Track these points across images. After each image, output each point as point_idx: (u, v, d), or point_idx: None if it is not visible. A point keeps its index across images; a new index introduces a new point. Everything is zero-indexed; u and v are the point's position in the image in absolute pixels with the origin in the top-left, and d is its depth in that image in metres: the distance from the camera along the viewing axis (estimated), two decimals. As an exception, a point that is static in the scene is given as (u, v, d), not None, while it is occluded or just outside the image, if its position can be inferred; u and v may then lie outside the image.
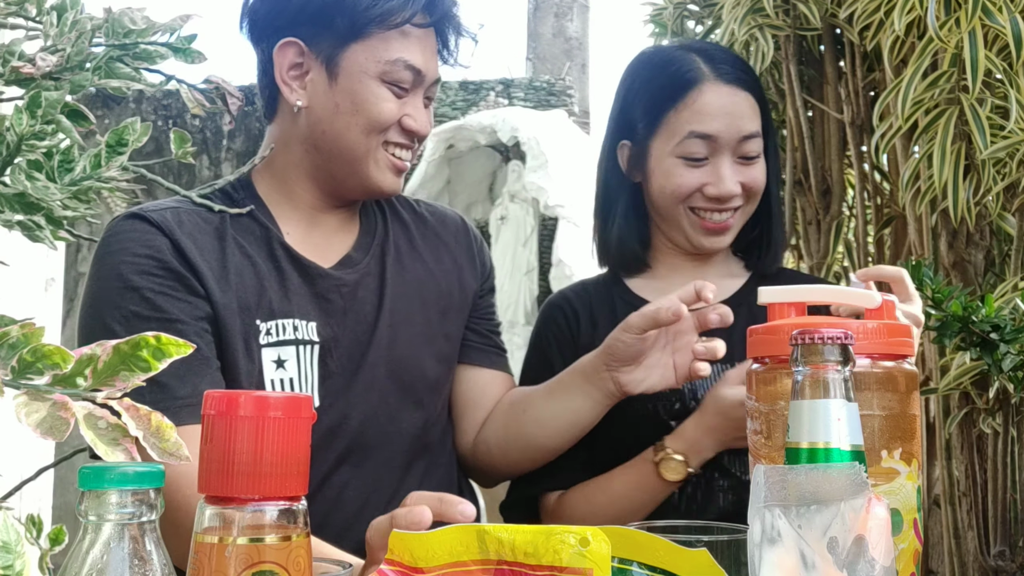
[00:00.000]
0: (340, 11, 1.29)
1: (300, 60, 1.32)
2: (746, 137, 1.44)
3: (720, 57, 1.50)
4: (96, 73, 0.81)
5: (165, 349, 0.66)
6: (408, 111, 1.32)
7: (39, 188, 0.79)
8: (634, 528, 0.69)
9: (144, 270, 1.22)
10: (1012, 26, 1.64)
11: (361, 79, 1.30)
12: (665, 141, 1.46)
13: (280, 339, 1.27)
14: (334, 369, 1.30)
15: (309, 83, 1.32)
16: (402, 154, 1.35)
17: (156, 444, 0.63)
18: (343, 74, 1.30)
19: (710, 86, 1.45)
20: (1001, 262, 1.91)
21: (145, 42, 0.83)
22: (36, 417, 0.60)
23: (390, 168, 1.34)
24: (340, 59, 1.30)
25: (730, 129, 1.43)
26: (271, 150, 1.36)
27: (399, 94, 1.31)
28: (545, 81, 6.55)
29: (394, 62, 1.29)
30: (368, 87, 1.30)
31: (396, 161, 1.34)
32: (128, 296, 1.21)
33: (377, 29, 1.29)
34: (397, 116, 1.31)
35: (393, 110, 1.31)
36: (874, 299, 1.01)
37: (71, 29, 0.80)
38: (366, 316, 1.35)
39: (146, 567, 0.58)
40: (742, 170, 1.46)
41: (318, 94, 1.31)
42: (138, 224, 1.25)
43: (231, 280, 1.26)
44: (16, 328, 0.64)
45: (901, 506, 0.83)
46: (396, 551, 0.64)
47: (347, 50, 1.30)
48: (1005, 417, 1.74)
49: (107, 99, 6.52)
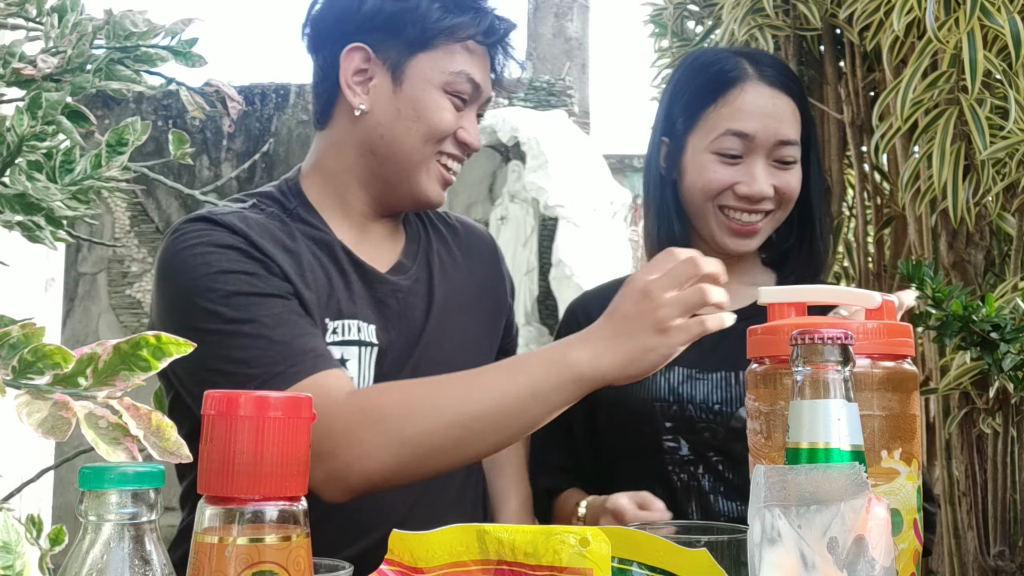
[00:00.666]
0: (410, 20, 1.32)
1: (365, 66, 1.34)
2: (783, 142, 1.43)
3: (766, 61, 1.50)
4: (97, 75, 0.81)
5: (165, 348, 0.66)
6: (464, 124, 1.36)
7: (39, 189, 0.79)
8: (634, 528, 0.69)
9: (231, 258, 1.23)
10: (1011, 26, 1.64)
11: (425, 87, 1.33)
12: (702, 137, 1.46)
13: (345, 339, 1.30)
14: (387, 372, 1.32)
15: (372, 88, 1.34)
16: (452, 166, 1.39)
17: (157, 443, 0.63)
18: (408, 81, 1.33)
19: (752, 86, 1.45)
20: (1001, 262, 1.91)
21: (146, 45, 0.83)
22: (37, 417, 0.61)
23: (439, 179, 1.38)
24: (406, 67, 1.33)
25: (767, 130, 1.42)
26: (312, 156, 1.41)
27: (458, 106, 1.35)
28: (545, 81, 6.56)
29: (458, 73, 1.33)
30: (431, 95, 1.33)
31: (445, 173, 1.38)
32: (223, 279, 1.22)
33: (444, 41, 1.33)
34: (454, 127, 1.35)
35: (452, 120, 1.34)
36: (874, 299, 1.01)
37: (72, 31, 0.80)
38: (416, 321, 1.38)
39: (146, 567, 0.58)
40: (776, 173, 1.44)
41: (381, 99, 1.34)
42: (207, 225, 1.27)
43: (306, 276, 1.29)
44: (17, 328, 0.64)
45: (901, 506, 0.83)
46: (396, 551, 0.64)
47: (414, 59, 1.33)
48: (1005, 417, 1.75)
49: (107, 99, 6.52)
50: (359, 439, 1.11)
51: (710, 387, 1.40)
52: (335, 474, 1.11)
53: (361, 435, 1.11)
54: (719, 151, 1.44)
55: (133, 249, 6.63)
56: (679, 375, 1.42)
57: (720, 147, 1.43)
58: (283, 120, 6.59)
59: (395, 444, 1.11)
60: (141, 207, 6.63)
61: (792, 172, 1.45)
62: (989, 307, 1.45)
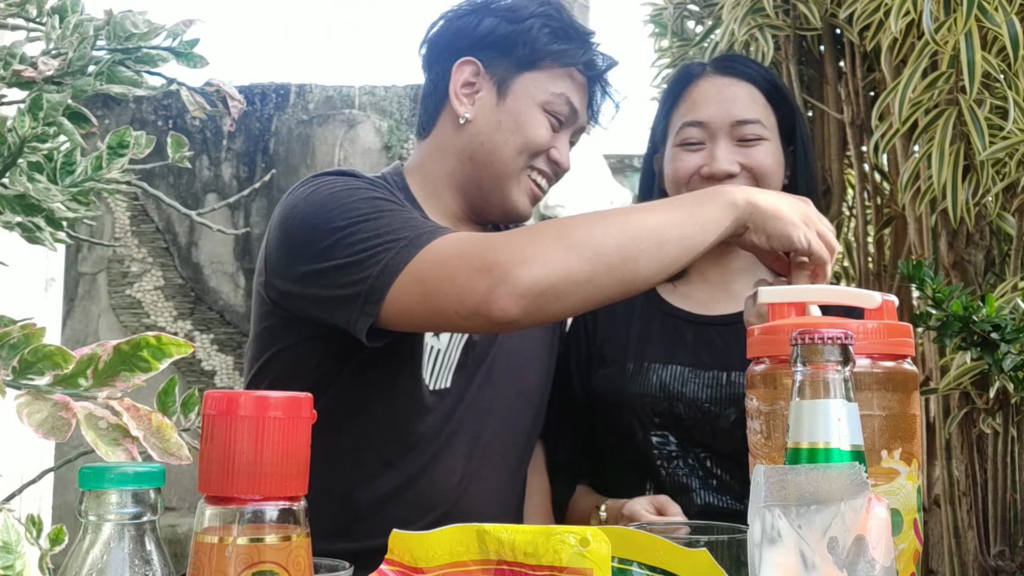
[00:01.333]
0: (521, 41, 1.43)
1: (474, 80, 1.46)
2: (740, 121, 1.49)
3: (727, 57, 1.58)
4: (99, 78, 0.80)
5: (165, 349, 0.66)
6: (557, 144, 1.46)
7: (40, 190, 0.79)
8: (634, 528, 0.69)
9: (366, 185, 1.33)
10: (1008, 27, 1.64)
11: (527, 103, 1.43)
12: (671, 137, 1.55)
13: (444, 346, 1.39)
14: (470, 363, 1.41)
15: (478, 99, 1.45)
16: (542, 182, 1.47)
17: (157, 444, 0.63)
18: (511, 96, 1.44)
19: (706, 79, 1.54)
20: (1001, 262, 1.91)
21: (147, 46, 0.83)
22: (38, 417, 0.61)
23: (528, 192, 1.46)
24: (512, 83, 1.44)
25: (721, 113, 1.49)
26: None
27: (554, 126, 1.45)
28: (545, 81, 6.55)
29: (559, 95, 1.44)
30: (531, 111, 1.43)
31: (535, 188, 1.47)
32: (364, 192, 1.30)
33: (550, 64, 1.44)
34: (549, 144, 1.44)
35: (547, 137, 1.44)
36: (874, 299, 1.01)
37: (73, 32, 0.80)
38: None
39: (146, 567, 0.58)
40: (742, 151, 1.48)
41: (485, 110, 1.44)
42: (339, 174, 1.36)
43: None
44: (17, 329, 0.64)
45: (901, 506, 0.83)
46: (396, 551, 0.64)
47: (520, 76, 1.44)
48: (1005, 417, 1.75)
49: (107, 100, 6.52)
50: (523, 245, 1.17)
51: (700, 385, 1.43)
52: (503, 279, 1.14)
53: (526, 242, 1.17)
54: (682, 143, 1.52)
55: (133, 249, 6.63)
56: (673, 372, 1.46)
57: (682, 139, 1.52)
58: (283, 120, 6.58)
59: (561, 248, 1.15)
60: (141, 207, 6.63)
61: (759, 148, 1.49)
62: (989, 307, 1.45)
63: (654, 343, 1.51)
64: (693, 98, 1.53)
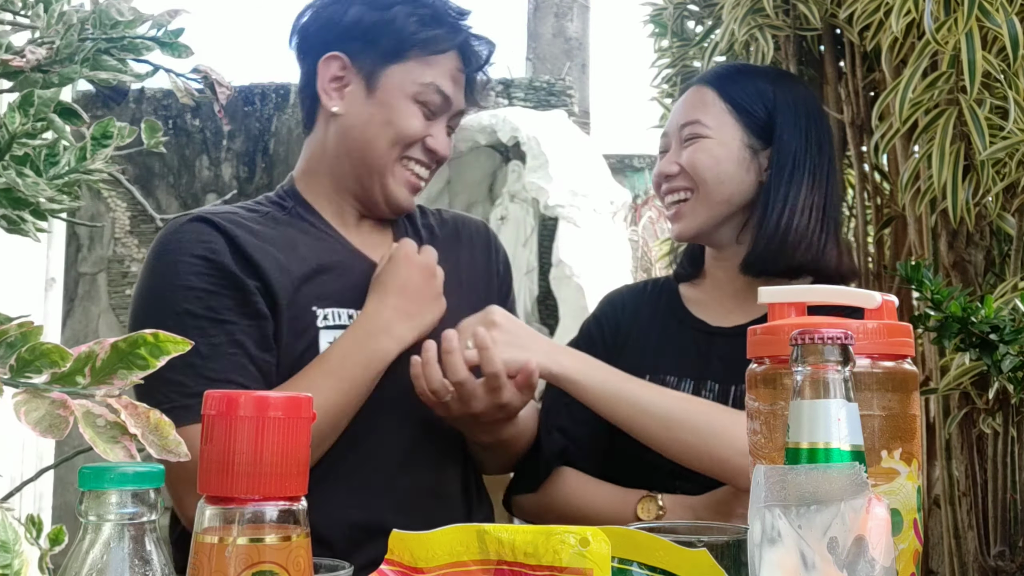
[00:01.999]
0: (387, 33, 1.41)
1: (342, 74, 1.43)
2: (683, 124, 1.52)
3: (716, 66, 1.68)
4: (84, 65, 0.80)
5: (163, 346, 0.66)
6: (432, 132, 1.44)
7: (29, 184, 0.79)
8: (634, 528, 0.69)
9: (200, 271, 1.32)
10: (1008, 27, 1.64)
11: (396, 95, 1.42)
12: None
13: (336, 324, 1.39)
14: None
15: (348, 94, 1.43)
16: (420, 171, 1.46)
17: (155, 442, 0.63)
18: (380, 89, 1.42)
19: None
20: (1001, 262, 1.91)
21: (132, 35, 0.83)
22: (35, 415, 0.60)
23: (406, 184, 1.45)
24: (380, 76, 1.42)
25: (673, 120, 1.55)
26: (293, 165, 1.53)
27: (427, 115, 1.43)
28: (545, 81, 6.55)
29: (428, 85, 1.42)
30: (402, 103, 1.41)
31: (412, 178, 1.45)
32: (182, 295, 1.31)
33: (417, 53, 1.42)
34: (422, 134, 1.43)
35: (419, 127, 1.42)
36: (874, 299, 1.01)
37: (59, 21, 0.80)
38: None
39: (146, 567, 0.58)
40: (682, 152, 1.51)
41: (355, 104, 1.43)
42: (197, 227, 1.35)
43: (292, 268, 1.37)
44: (14, 327, 0.64)
45: (901, 506, 0.83)
46: (396, 551, 0.64)
47: (387, 68, 1.42)
48: (1005, 417, 1.74)
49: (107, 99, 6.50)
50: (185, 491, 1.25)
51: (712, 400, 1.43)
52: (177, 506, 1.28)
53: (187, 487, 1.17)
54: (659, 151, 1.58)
55: (133, 249, 6.63)
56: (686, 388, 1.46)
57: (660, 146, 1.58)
58: (283, 120, 6.58)
59: None
60: (141, 207, 6.63)
61: (694, 147, 1.50)
62: (988, 308, 1.45)
63: (669, 354, 1.51)
64: None
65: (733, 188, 1.50)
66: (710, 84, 1.54)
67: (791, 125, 1.53)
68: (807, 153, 1.53)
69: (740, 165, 1.50)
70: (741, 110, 1.51)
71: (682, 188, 1.51)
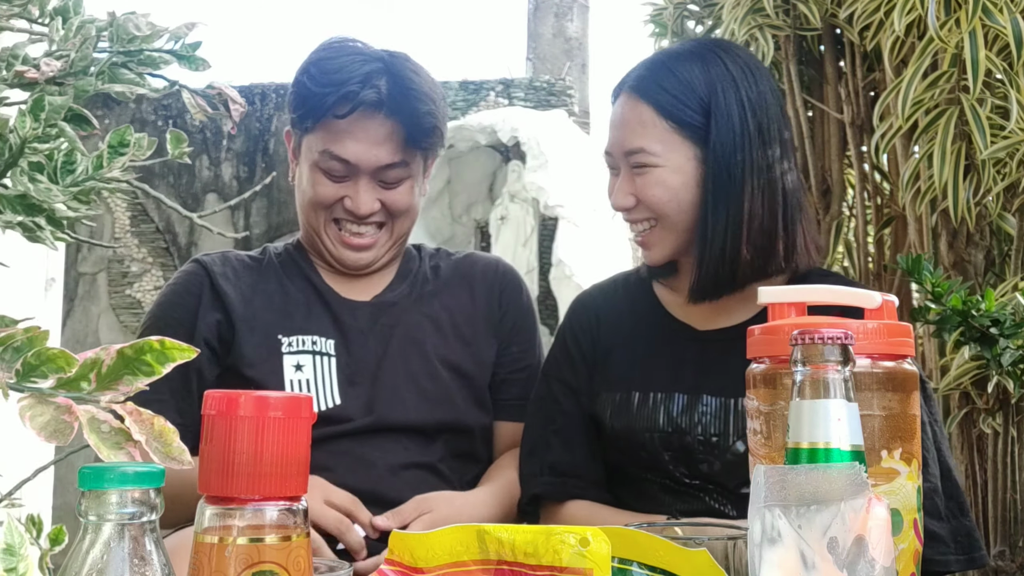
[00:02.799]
0: (296, 105, 1.49)
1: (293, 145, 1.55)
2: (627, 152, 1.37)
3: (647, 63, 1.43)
4: (100, 78, 0.81)
5: (169, 353, 0.66)
6: (349, 193, 1.47)
7: (42, 190, 0.79)
8: (634, 528, 0.69)
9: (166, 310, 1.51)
10: (1012, 26, 1.64)
11: (305, 164, 1.50)
12: None
13: (299, 349, 1.47)
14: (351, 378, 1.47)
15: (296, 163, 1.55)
16: (353, 228, 1.50)
17: (159, 448, 0.63)
18: (300, 159, 1.52)
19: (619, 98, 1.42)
20: (1001, 262, 1.91)
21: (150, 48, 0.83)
22: (40, 420, 0.60)
23: (341, 243, 1.51)
24: (301, 146, 1.52)
25: (615, 142, 1.40)
26: None
27: (333, 179, 1.47)
28: (545, 81, 6.55)
29: (323, 152, 1.46)
30: (309, 171, 1.49)
31: (347, 237, 1.50)
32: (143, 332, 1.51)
33: (316, 123, 1.46)
34: (334, 198, 1.47)
35: (327, 193, 1.47)
36: (874, 299, 1.01)
37: (75, 33, 0.80)
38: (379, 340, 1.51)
39: (146, 567, 0.58)
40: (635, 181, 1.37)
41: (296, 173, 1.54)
42: (188, 267, 1.55)
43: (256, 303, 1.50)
44: (20, 331, 0.64)
45: (901, 506, 0.83)
46: (396, 551, 0.64)
47: (304, 138, 1.50)
48: (1005, 417, 1.75)
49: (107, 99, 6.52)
50: None
51: (709, 417, 1.34)
52: None
53: None
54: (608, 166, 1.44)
55: (133, 249, 6.63)
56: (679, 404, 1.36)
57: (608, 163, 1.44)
58: (283, 120, 6.58)
59: None
60: (141, 207, 6.63)
61: (646, 178, 1.36)
62: (988, 302, 1.45)
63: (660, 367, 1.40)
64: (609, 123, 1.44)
65: (697, 211, 1.35)
66: (643, 97, 1.37)
67: (724, 120, 1.35)
68: (747, 148, 1.34)
69: (699, 185, 1.35)
70: (681, 123, 1.35)
71: (643, 219, 1.39)
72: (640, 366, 1.42)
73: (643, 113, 1.37)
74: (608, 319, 1.49)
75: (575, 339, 1.50)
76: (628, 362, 1.43)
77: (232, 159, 6.61)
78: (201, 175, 6.60)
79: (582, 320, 1.51)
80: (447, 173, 5.97)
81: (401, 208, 1.50)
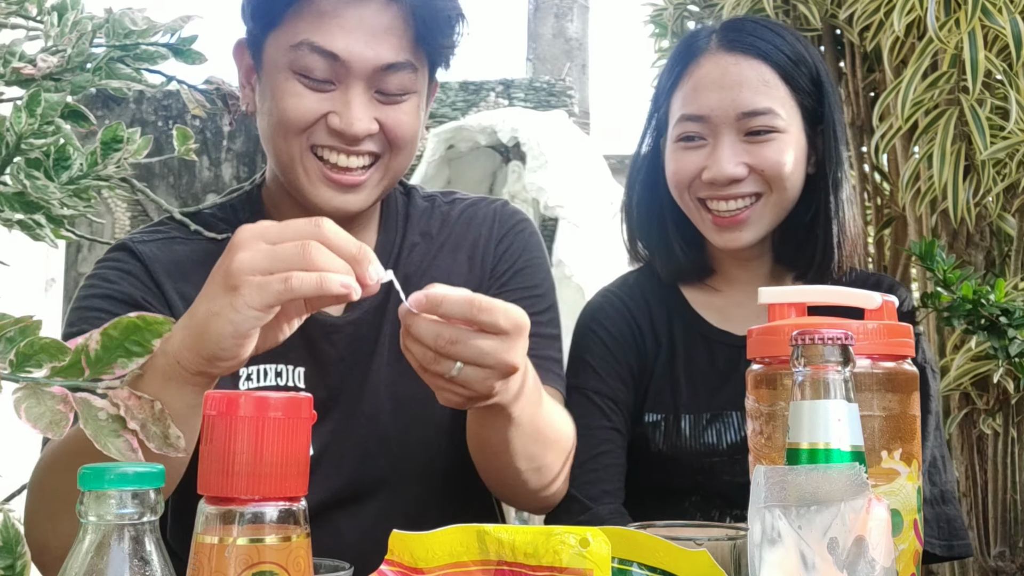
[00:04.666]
0: None
1: (251, 62, 1.16)
2: (747, 113, 1.25)
3: (735, 25, 1.32)
4: (97, 74, 0.81)
5: (151, 328, 0.66)
6: (335, 108, 1.09)
7: (38, 187, 0.79)
8: (634, 528, 0.69)
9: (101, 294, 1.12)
10: (1012, 27, 1.64)
11: (274, 73, 1.10)
12: (672, 128, 1.32)
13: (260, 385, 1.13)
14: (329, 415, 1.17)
15: (255, 84, 1.15)
16: (339, 161, 1.11)
17: (156, 433, 0.63)
18: (264, 69, 1.12)
19: (708, 58, 1.28)
20: (1001, 263, 1.91)
21: (146, 43, 0.83)
22: (35, 412, 0.61)
23: (322, 179, 1.11)
24: (262, 53, 1.12)
25: (723, 104, 1.25)
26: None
27: (313, 86, 1.08)
28: (545, 82, 6.56)
29: (297, 46, 1.07)
30: (278, 81, 1.09)
31: (327, 170, 1.11)
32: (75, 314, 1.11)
33: (287, 7, 1.07)
34: (315, 114, 1.09)
35: (304, 106, 1.08)
36: (874, 299, 1.01)
37: (72, 30, 0.80)
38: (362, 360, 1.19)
39: (146, 567, 0.58)
40: (750, 149, 1.25)
41: (256, 97, 1.15)
42: (118, 255, 1.15)
43: None
44: (11, 322, 0.64)
45: (901, 506, 0.83)
46: (396, 551, 0.64)
47: (266, 41, 1.11)
48: (1005, 417, 1.75)
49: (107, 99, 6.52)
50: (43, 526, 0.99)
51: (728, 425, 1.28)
52: None
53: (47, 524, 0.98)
54: (681, 137, 1.29)
55: (133, 249, 6.63)
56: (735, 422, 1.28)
57: (681, 133, 1.29)
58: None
59: None
60: (141, 207, 6.63)
61: (770, 144, 1.25)
62: (999, 293, 1.45)
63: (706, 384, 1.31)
64: (694, 82, 1.28)
65: (798, 189, 1.29)
66: (764, 59, 1.26)
67: (831, 97, 1.30)
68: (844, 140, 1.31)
69: (806, 160, 1.29)
70: (800, 91, 1.27)
71: (747, 194, 1.26)
72: (686, 384, 1.31)
73: (765, 73, 1.26)
74: (646, 329, 1.35)
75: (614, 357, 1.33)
76: (672, 379, 1.32)
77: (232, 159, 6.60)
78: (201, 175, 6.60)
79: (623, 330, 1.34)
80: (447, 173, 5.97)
81: (405, 135, 1.12)
